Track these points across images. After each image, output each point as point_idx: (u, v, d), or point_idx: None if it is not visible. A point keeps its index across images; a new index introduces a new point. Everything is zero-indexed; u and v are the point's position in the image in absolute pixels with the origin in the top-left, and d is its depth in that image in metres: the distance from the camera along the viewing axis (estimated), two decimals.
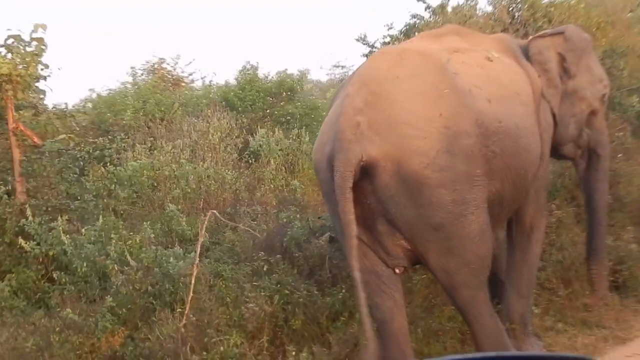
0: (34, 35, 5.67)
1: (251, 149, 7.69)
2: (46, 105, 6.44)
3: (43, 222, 4.89)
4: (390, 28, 7.36)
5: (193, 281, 4.07)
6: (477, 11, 7.77)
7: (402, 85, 3.36)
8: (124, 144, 6.96)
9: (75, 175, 5.40)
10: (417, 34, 4.07)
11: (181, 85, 9.99)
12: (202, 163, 6.69)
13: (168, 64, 10.13)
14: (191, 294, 4.04)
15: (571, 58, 4.06)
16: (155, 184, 6.25)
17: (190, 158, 6.84)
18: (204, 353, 3.74)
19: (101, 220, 5.01)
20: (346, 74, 8.73)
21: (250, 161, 7.53)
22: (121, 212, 5.81)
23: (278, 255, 4.67)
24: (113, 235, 4.66)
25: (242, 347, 3.80)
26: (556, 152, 4.22)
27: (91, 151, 5.51)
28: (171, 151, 6.82)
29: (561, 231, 4.86)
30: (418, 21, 7.39)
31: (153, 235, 5.06)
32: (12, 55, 5.49)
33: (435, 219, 3.27)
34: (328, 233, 4.90)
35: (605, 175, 4.45)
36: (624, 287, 4.58)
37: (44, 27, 5.71)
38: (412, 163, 3.19)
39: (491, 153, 3.43)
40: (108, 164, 6.08)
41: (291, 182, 6.79)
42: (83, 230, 4.85)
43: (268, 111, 8.84)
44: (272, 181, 6.99)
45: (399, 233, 3.37)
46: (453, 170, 3.27)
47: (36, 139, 5.47)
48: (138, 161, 6.42)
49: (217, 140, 7.29)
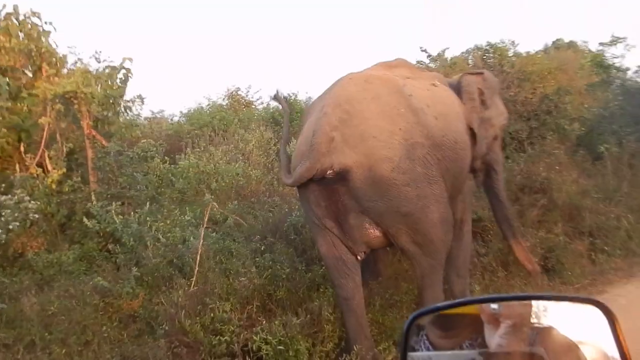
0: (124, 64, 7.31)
1: None
2: (138, 114, 8.52)
3: (103, 206, 6.05)
4: None
5: (198, 258, 4.99)
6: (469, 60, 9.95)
7: (369, 105, 4.08)
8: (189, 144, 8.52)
9: (134, 169, 6.60)
10: (375, 64, 4.79)
11: (251, 107, 11.91)
12: (235, 164, 7.93)
13: (242, 92, 12.20)
14: (197, 268, 4.94)
15: (487, 93, 4.86)
16: (200, 179, 7.45)
17: (229, 160, 8.13)
18: (196, 318, 4.31)
19: (148, 206, 6.20)
20: None
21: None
22: (174, 199, 7.03)
23: (275, 237, 5.62)
24: (148, 218, 5.80)
25: (232, 313, 4.39)
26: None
27: (140, 153, 6.69)
28: (216, 154, 8.14)
29: None
30: (421, 65, 9.43)
31: (188, 218, 6.17)
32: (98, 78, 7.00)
33: (404, 209, 3.98)
34: None
35: (502, 184, 5.31)
36: (553, 271, 5.34)
37: (131, 60, 7.33)
38: (381, 168, 3.92)
39: (438, 159, 4.15)
40: (167, 162, 7.35)
41: None
42: (132, 213, 6.05)
43: None
44: None
45: (369, 223, 4.10)
46: (414, 172, 3.99)
47: (104, 142, 6.73)
48: (187, 161, 7.75)
49: (252, 147, 8.69)
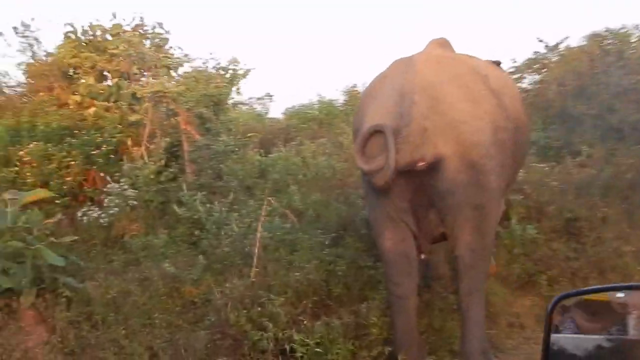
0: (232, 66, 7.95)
1: None
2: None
3: (192, 195, 6.27)
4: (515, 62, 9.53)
5: (256, 251, 4.88)
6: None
7: (451, 88, 3.72)
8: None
9: (219, 162, 6.79)
10: (429, 43, 4.31)
11: None
12: (322, 157, 7.81)
13: (357, 87, 12.04)
14: (255, 260, 4.83)
15: None
16: (290, 170, 7.38)
17: (322, 153, 8.07)
18: (244, 311, 4.19)
19: (232, 196, 6.28)
20: None
21: None
22: (264, 190, 7.04)
23: (346, 231, 5.28)
24: (223, 208, 5.85)
25: (282, 308, 4.17)
26: None
27: (224, 147, 6.86)
28: (310, 147, 8.17)
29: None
30: (538, 56, 9.68)
31: (271, 208, 6.10)
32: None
33: (478, 200, 3.66)
34: None
35: None
36: None
37: (238, 62, 7.97)
38: (473, 154, 3.62)
39: (514, 144, 3.83)
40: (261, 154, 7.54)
41: None
42: (216, 202, 6.17)
43: None
44: None
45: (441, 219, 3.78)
46: (497, 159, 3.68)
47: (197, 136, 7.06)
48: (278, 153, 7.84)
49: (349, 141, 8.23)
